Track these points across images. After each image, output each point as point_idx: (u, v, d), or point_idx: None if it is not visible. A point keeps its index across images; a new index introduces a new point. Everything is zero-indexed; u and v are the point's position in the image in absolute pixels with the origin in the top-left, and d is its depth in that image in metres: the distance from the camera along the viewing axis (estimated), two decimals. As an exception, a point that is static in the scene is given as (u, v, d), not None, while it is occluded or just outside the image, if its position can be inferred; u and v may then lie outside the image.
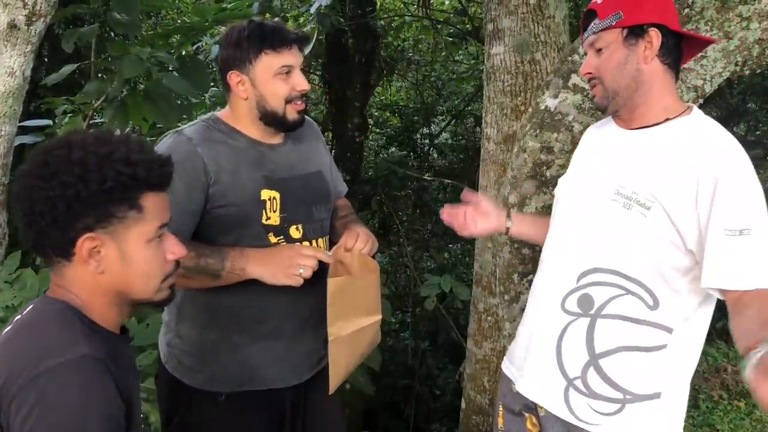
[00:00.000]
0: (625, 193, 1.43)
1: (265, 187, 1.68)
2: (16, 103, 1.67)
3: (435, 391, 4.95)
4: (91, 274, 1.10)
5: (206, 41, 5.44)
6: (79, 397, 0.98)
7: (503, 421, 1.70)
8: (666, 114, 1.47)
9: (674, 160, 1.39)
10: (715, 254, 1.32)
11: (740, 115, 4.71)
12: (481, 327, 3.10)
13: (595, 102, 1.56)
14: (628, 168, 1.46)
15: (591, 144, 1.66)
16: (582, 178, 1.59)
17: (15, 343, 1.07)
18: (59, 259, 1.10)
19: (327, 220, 1.84)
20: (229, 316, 1.70)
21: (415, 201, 6.48)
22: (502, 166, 2.93)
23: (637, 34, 1.44)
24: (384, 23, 6.59)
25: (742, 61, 2.02)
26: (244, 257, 1.61)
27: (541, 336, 1.55)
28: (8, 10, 1.57)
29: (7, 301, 2.67)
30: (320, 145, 1.93)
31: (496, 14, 2.94)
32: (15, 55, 1.61)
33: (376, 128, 7.60)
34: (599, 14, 1.47)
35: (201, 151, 1.63)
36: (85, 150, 1.07)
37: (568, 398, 1.49)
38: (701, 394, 4.24)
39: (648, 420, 1.46)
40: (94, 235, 1.08)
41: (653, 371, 1.45)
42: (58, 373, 0.98)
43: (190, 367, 1.72)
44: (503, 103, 2.95)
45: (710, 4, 1.99)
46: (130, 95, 2.92)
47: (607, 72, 1.48)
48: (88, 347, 1.03)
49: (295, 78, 1.68)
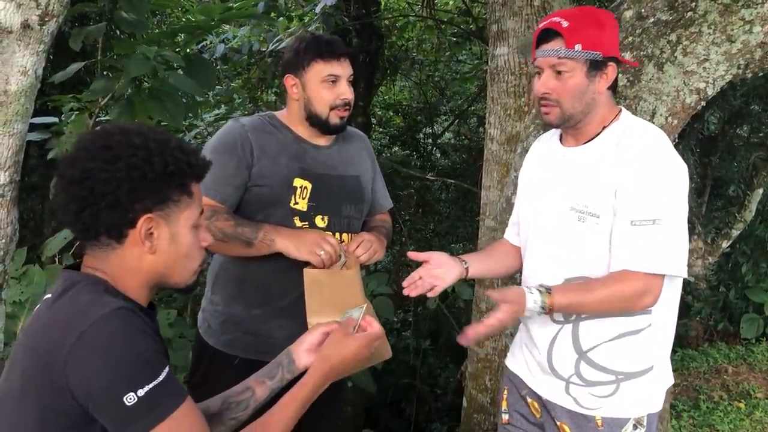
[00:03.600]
0: (577, 208, 1.57)
1: (299, 177, 1.90)
2: (28, 102, 1.68)
3: (436, 390, 4.95)
4: (137, 256, 1.15)
5: (212, 40, 5.47)
6: (125, 338, 1.05)
7: (507, 404, 1.83)
8: (602, 124, 1.61)
9: (605, 167, 1.55)
10: (618, 241, 1.51)
11: (743, 117, 4.70)
12: (483, 326, 3.12)
13: (545, 119, 1.65)
14: (575, 184, 1.60)
15: (538, 161, 1.78)
16: (537, 199, 1.72)
17: (50, 314, 1.12)
18: (110, 240, 1.14)
19: (356, 219, 2.01)
20: (254, 290, 1.92)
21: (418, 200, 6.49)
22: (505, 166, 2.95)
23: (597, 67, 1.56)
24: (388, 23, 6.61)
25: (744, 64, 2.04)
26: (275, 231, 1.83)
27: (536, 339, 1.68)
28: (22, 10, 1.58)
29: (14, 297, 2.69)
30: (366, 156, 2.12)
31: (500, 15, 2.96)
32: (28, 55, 1.63)
33: (379, 128, 7.62)
34: (566, 41, 1.53)
35: (251, 136, 1.89)
36: (145, 136, 1.13)
37: (570, 392, 1.63)
38: (702, 394, 4.26)
39: (641, 391, 1.60)
40: (153, 216, 1.13)
41: (643, 349, 1.59)
42: (97, 326, 1.04)
43: (215, 330, 1.96)
44: (507, 103, 2.97)
45: (713, 8, 2.01)
46: (136, 93, 2.93)
47: (567, 97, 1.57)
48: (117, 303, 1.09)
49: (341, 87, 1.89)
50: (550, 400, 1.67)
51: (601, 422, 1.60)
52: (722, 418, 3.92)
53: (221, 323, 1.95)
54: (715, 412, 4.00)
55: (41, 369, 1.06)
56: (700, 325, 5.26)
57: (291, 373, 1.41)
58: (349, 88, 1.90)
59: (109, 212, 1.10)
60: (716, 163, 4.66)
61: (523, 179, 1.84)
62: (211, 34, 5.05)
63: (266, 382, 1.40)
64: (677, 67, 2.06)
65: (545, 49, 1.57)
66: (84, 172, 1.10)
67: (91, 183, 1.09)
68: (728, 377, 4.54)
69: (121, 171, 1.09)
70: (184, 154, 1.15)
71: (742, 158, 4.80)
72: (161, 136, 1.16)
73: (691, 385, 4.42)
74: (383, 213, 2.20)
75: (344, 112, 1.91)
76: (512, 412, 1.81)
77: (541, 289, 1.51)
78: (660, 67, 2.06)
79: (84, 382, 1.03)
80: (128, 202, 1.11)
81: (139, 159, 1.10)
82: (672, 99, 2.08)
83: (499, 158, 3.02)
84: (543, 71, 1.59)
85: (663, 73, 2.08)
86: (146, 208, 1.12)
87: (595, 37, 1.53)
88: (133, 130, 1.15)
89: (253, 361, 1.82)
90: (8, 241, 1.75)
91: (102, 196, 1.09)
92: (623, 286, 1.48)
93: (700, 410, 4.03)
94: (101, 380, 1.02)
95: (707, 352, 4.93)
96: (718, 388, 4.37)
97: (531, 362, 1.73)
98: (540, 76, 1.61)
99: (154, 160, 1.11)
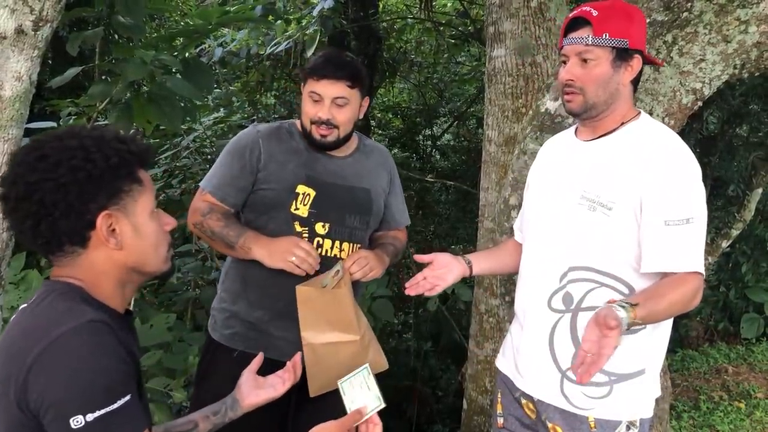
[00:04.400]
0: (589, 197, 1.57)
1: (304, 183, 1.96)
2: (23, 107, 1.68)
3: (437, 391, 4.95)
4: (106, 256, 1.14)
5: (210, 43, 5.47)
6: (91, 357, 1.02)
7: (502, 407, 1.82)
8: (621, 120, 1.62)
9: (625, 163, 1.55)
10: (654, 242, 1.50)
11: (742, 117, 4.71)
12: (482, 328, 3.12)
13: (567, 108, 1.65)
14: (590, 174, 1.60)
15: (550, 156, 1.79)
16: (547, 188, 1.72)
17: (24, 322, 1.10)
18: (74, 248, 1.12)
19: (360, 230, 2.04)
20: (255, 290, 1.98)
21: (417, 202, 6.48)
22: (504, 168, 2.95)
23: (623, 58, 1.57)
24: (386, 25, 6.61)
25: (740, 65, 2.04)
26: (254, 240, 1.89)
27: (533, 334, 1.67)
28: (15, 15, 1.58)
29: (12, 302, 2.68)
30: (383, 172, 2.16)
31: (497, 17, 2.96)
32: (22, 60, 1.63)
33: (378, 130, 7.62)
34: (595, 29, 1.55)
35: (262, 143, 1.97)
36: (78, 137, 1.12)
37: (563, 389, 1.62)
38: (702, 395, 4.25)
39: (634, 394, 1.60)
40: (110, 212, 1.12)
41: (637, 350, 1.58)
42: (67, 338, 1.02)
43: (220, 325, 2.04)
44: (504, 105, 2.97)
45: (709, 8, 2.01)
46: (134, 98, 2.92)
47: (591, 85, 1.58)
48: (92, 314, 1.06)
49: (321, 106, 1.94)
50: (543, 400, 1.66)
51: (594, 423, 1.59)
52: (722, 419, 3.91)
53: (225, 318, 2.03)
54: (716, 412, 4.00)
55: (8, 376, 1.04)
56: (700, 325, 5.25)
57: (234, 412, 1.48)
58: (330, 110, 1.93)
59: (65, 220, 1.08)
60: (715, 163, 4.66)
61: (534, 173, 1.84)
62: (210, 37, 5.05)
63: (210, 418, 1.44)
64: (673, 68, 2.06)
65: (573, 36, 1.59)
66: (28, 187, 1.07)
67: (39, 195, 1.07)
68: (728, 377, 4.53)
69: (65, 176, 1.07)
70: (122, 143, 1.14)
71: (742, 158, 4.80)
72: (95, 132, 1.14)
73: (692, 385, 4.42)
74: (399, 230, 2.23)
75: (326, 130, 1.95)
76: (506, 415, 1.80)
77: (624, 305, 1.42)
78: (656, 67, 2.06)
79: (40, 395, 1.00)
80: (81, 205, 1.09)
81: (79, 159, 1.08)
82: (668, 99, 2.08)
83: (498, 160, 3.02)
84: (569, 59, 1.61)
85: (659, 74, 2.08)
86: (101, 206, 1.11)
87: (624, 28, 1.55)
88: (65, 134, 1.13)
89: (251, 355, 1.89)
90: (4, 246, 1.75)
91: (53, 205, 1.07)
92: (686, 288, 1.47)
93: (701, 410, 4.03)
94: (55, 395, 0.99)
95: (707, 352, 4.93)
96: (719, 389, 4.36)
97: (521, 362, 1.72)
98: (565, 65, 1.62)
99: (94, 157, 1.09)
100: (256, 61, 5.72)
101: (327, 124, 1.94)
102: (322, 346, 1.85)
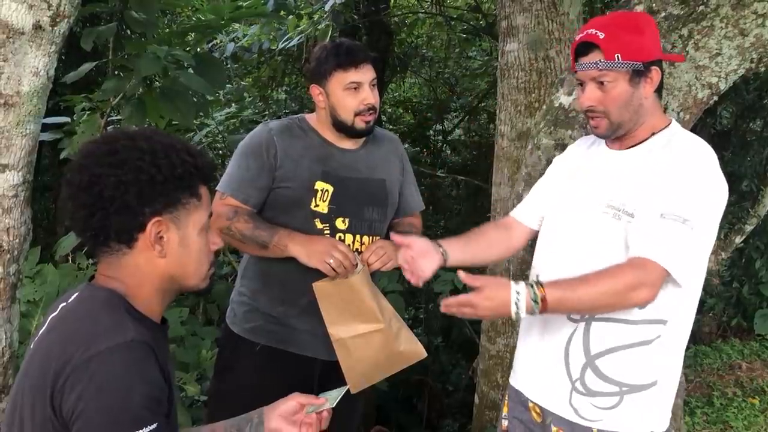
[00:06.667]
0: (615, 206, 1.54)
1: (321, 180, 1.95)
2: (40, 102, 1.70)
3: (448, 386, 4.96)
4: (149, 261, 1.15)
5: (222, 39, 5.48)
6: (126, 379, 1.03)
7: (508, 409, 1.78)
8: (651, 130, 1.58)
9: (651, 172, 1.51)
10: (643, 229, 1.45)
11: (756, 112, 4.67)
12: (494, 323, 3.12)
13: (595, 133, 1.62)
14: (619, 184, 1.56)
15: (578, 162, 1.74)
16: (571, 195, 1.68)
17: (65, 327, 1.11)
18: (120, 246, 1.13)
19: (379, 222, 2.04)
20: (277, 286, 1.98)
21: (428, 197, 6.48)
22: (516, 162, 2.94)
23: (641, 74, 1.51)
24: (397, 20, 6.60)
25: (757, 58, 2.02)
26: (289, 236, 1.87)
27: (551, 344, 1.63)
28: (33, 11, 1.59)
29: (29, 296, 2.71)
30: (395, 159, 2.15)
31: (510, 11, 2.95)
32: (40, 56, 1.64)
33: (389, 125, 7.61)
34: (605, 52, 1.49)
35: (276, 140, 1.94)
36: (151, 139, 1.13)
37: (572, 401, 1.58)
38: (715, 391, 4.23)
39: (645, 407, 1.55)
40: (162, 219, 1.13)
41: (649, 362, 1.54)
42: (108, 356, 1.03)
43: (240, 318, 2.04)
44: (517, 100, 2.96)
45: (725, 2, 1.99)
46: (147, 93, 2.94)
47: (613, 106, 1.54)
48: (135, 332, 1.07)
49: (363, 93, 1.92)
50: (551, 410, 1.62)
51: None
52: (736, 415, 3.89)
53: (246, 312, 2.03)
54: (729, 408, 3.97)
55: (44, 374, 1.05)
56: (713, 320, 5.22)
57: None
58: (372, 93, 1.93)
59: (118, 217, 1.10)
60: (729, 158, 4.62)
61: (561, 175, 1.77)
62: (221, 33, 5.06)
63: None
64: (689, 62, 2.04)
65: (584, 62, 1.53)
66: (91, 177, 1.09)
67: (99, 188, 1.08)
68: (742, 373, 4.51)
69: (129, 175, 1.09)
70: (191, 156, 1.15)
71: (756, 153, 4.76)
72: (166, 139, 1.15)
73: (705, 381, 4.40)
74: (414, 215, 2.22)
75: (369, 116, 1.94)
76: (511, 418, 1.76)
77: (531, 283, 1.42)
78: (672, 62, 2.04)
79: (72, 405, 1.01)
80: (137, 206, 1.10)
81: (146, 162, 1.10)
82: (684, 94, 2.07)
83: (510, 155, 3.01)
84: (585, 84, 1.56)
85: (674, 68, 2.06)
86: (155, 212, 1.12)
87: (635, 44, 1.49)
88: (138, 134, 1.14)
89: (274, 349, 1.96)
90: (22, 240, 1.76)
91: (111, 200, 1.08)
92: (621, 279, 1.40)
93: (714, 407, 4.01)
94: (85, 412, 1.00)
95: (720, 348, 4.90)
96: (732, 385, 4.34)
97: (534, 371, 1.68)
98: (583, 89, 1.57)
99: (161, 163, 1.11)
100: (268, 57, 5.73)
101: (372, 110, 1.94)
102: (351, 339, 1.85)
